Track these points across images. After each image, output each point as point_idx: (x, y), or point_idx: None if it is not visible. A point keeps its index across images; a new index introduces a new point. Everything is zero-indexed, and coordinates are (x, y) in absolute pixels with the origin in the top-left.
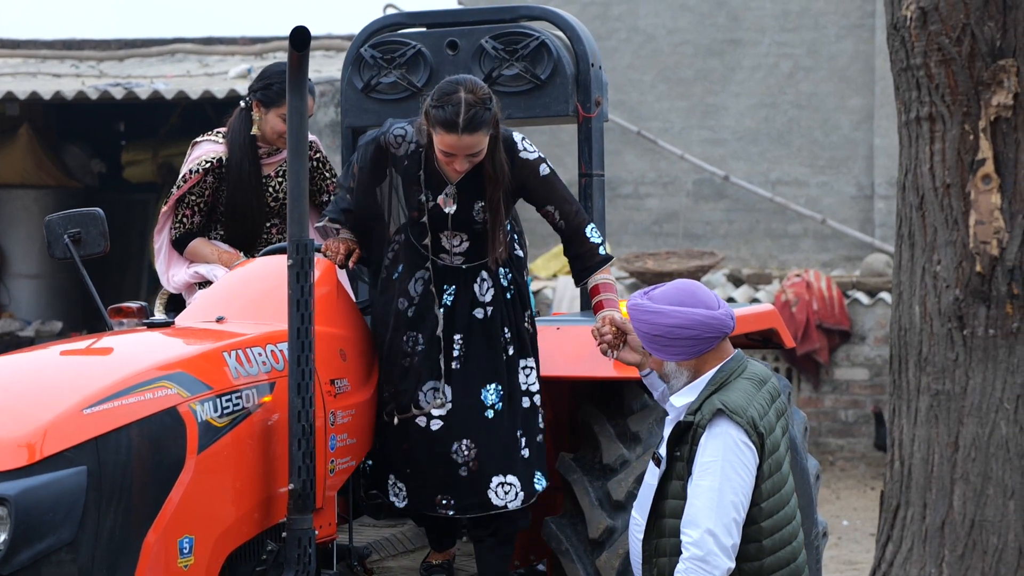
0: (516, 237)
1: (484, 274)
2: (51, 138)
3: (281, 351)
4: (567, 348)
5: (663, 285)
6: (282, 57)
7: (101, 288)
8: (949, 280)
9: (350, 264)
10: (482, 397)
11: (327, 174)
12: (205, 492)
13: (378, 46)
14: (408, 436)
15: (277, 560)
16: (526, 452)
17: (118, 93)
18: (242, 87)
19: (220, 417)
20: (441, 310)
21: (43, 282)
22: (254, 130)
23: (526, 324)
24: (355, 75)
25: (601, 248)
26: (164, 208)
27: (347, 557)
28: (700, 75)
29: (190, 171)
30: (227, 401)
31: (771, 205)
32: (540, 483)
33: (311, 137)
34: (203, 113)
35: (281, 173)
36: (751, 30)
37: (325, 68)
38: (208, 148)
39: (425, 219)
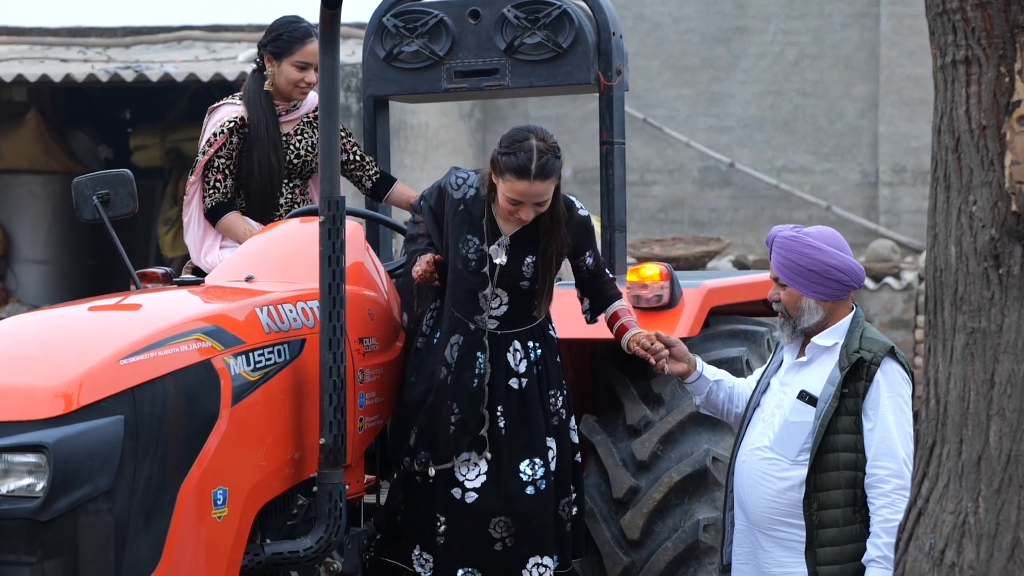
0: (551, 324)
1: (516, 344)
2: (58, 123)
3: (312, 309)
4: (568, 311)
5: (811, 228)
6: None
7: (109, 273)
8: (985, 220)
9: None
10: (521, 472)
11: (350, 141)
12: (238, 445)
13: (400, 15)
14: (440, 506)
15: (308, 515)
16: (569, 525)
17: (128, 76)
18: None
19: (253, 371)
20: (477, 380)
21: (50, 267)
22: (267, 85)
23: (565, 389)
24: (377, 44)
25: (617, 282)
26: (191, 178)
27: (375, 515)
28: (706, 63)
29: (214, 134)
30: (259, 355)
31: (776, 192)
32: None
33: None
34: (211, 98)
35: (299, 131)
36: (757, 18)
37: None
38: (228, 110)
39: (473, 268)
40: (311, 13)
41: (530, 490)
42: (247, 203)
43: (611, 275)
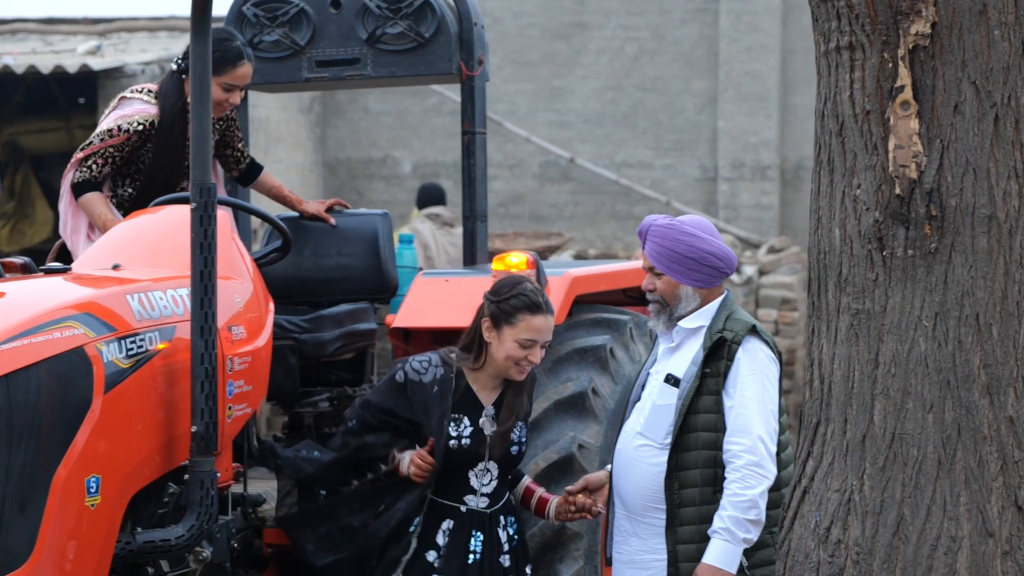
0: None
1: (502, 519)
2: None
3: (181, 296)
4: (459, 300)
5: (683, 216)
6: (127, 36)
7: None
8: (869, 203)
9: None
10: None
11: (237, 132)
12: (111, 432)
13: (260, 4)
14: None
15: (178, 503)
16: None
17: None
18: (93, 62)
19: (125, 358)
20: (473, 565)
21: None
22: (187, 91)
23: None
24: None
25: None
26: (78, 155)
27: (242, 504)
28: (546, 58)
29: (118, 127)
30: (131, 343)
31: (616, 187)
32: None
33: None
34: (48, 91)
35: None
36: (597, 14)
37: (173, 46)
38: (140, 108)
39: (467, 446)
40: (146, 6)
41: None
42: (141, 199)
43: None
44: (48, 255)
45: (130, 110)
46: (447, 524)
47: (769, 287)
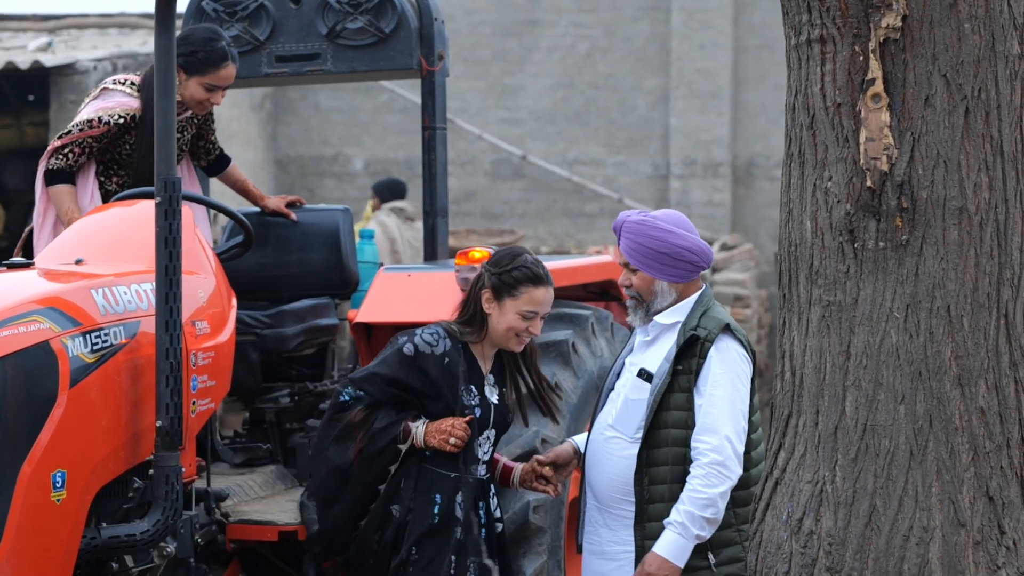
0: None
1: (492, 487)
2: None
3: (145, 291)
4: (420, 294)
5: (657, 211)
6: (77, 33)
7: None
8: (840, 196)
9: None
10: None
11: (213, 124)
12: (76, 427)
13: None
14: None
15: (143, 498)
16: None
17: None
18: (45, 59)
19: (90, 353)
20: (484, 532)
21: None
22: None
23: None
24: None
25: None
26: (56, 143)
27: (206, 499)
28: (498, 56)
29: (98, 119)
30: (96, 337)
31: (568, 184)
32: None
33: None
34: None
35: (180, 128)
36: (549, 11)
37: (125, 43)
38: (122, 101)
39: (480, 416)
40: (96, 3)
41: None
42: (118, 189)
43: None
44: (17, 245)
45: (111, 102)
46: (460, 497)
47: (722, 284)
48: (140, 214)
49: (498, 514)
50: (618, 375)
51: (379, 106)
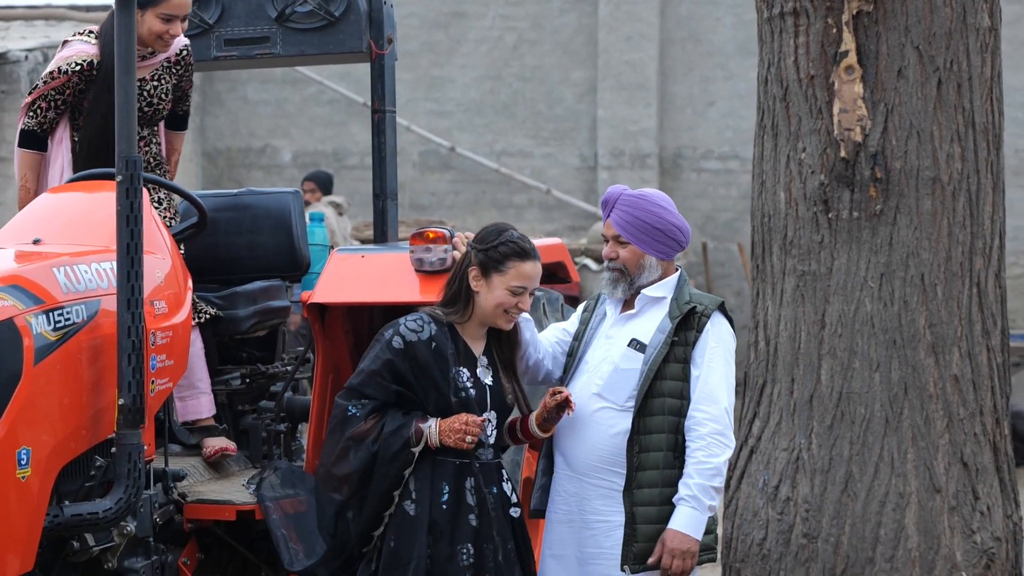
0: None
1: (504, 472)
2: None
3: (106, 270)
4: (375, 275)
5: (645, 189)
6: (4, 25)
7: None
8: (814, 166)
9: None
10: None
11: (191, 80)
12: (40, 405)
13: None
14: None
15: (105, 477)
16: None
17: None
18: None
19: (53, 331)
20: (494, 513)
21: None
22: None
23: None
24: None
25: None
26: (27, 99)
27: (163, 479)
28: (426, 47)
29: (59, 70)
30: (59, 315)
31: (497, 176)
32: None
33: (184, 41)
34: None
35: (156, 77)
36: (476, 3)
37: (53, 34)
38: (79, 48)
39: (475, 398)
40: None
41: None
42: (83, 147)
43: None
44: None
45: (70, 51)
46: (470, 482)
47: None
48: (98, 194)
49: (514, 499)
50: (587, 346)
51: (307, 98)
